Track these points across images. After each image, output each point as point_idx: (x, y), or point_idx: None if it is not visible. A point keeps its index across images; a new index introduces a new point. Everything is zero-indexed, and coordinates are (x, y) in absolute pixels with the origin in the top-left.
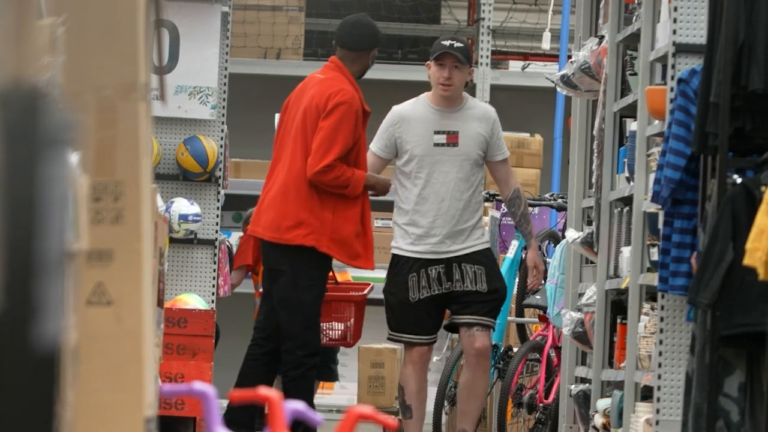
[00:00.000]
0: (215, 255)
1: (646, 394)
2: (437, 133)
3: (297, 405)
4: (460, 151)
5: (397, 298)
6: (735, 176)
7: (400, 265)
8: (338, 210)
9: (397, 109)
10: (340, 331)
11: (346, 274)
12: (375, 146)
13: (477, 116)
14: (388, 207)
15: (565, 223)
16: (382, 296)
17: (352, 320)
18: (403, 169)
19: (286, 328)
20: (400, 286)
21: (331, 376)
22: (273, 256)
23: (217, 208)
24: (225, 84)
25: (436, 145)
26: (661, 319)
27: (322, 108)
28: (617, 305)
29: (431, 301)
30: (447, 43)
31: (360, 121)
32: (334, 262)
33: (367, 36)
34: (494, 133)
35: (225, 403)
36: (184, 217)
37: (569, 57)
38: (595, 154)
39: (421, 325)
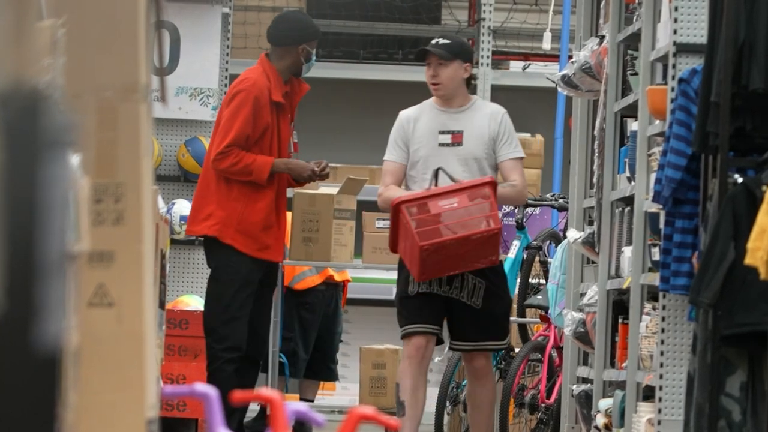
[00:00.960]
0: None
1: (648, 393)
2: (442, 133)
3: (299, 406)
4: (465, 150)
5: (400, 295)
6: (736, 176)
7: (404, 264)
8: (249, 201)
9: (403, 113)
10: (483, 219)
11: (344, 273)
12: (391, 155)
13: (484, 115)
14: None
15: (566, 223)
16: (382, 297)
17: (490, 203)
18: (410, 173)
19: (206, 322)
20: (403, 283)
21: (331, 376)
22: (207, 256)
23: None
24: (226, 85)
25: (441, 145)
26: (663, 319)
27: (227, 100)
28: (619, 305)
29: (430, 296)
30: (433, 41)
31: (266, 109)
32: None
33: (291, 31)
34: (501, 132)
35: None
36: (185, 219)
37: (570, 57)
38: (596, 154)
39: (420, 314)
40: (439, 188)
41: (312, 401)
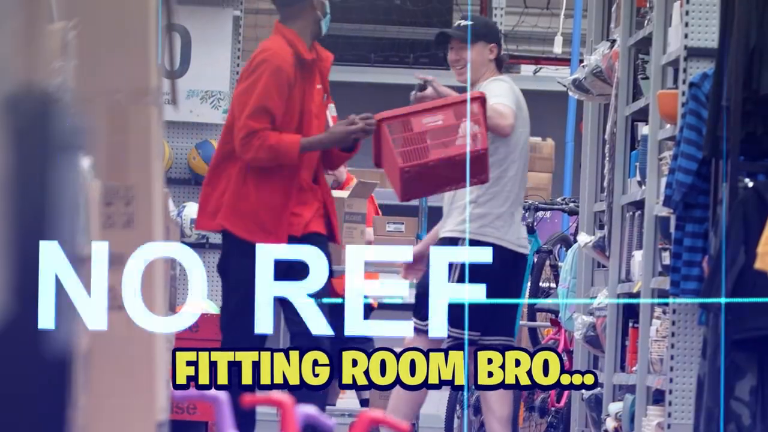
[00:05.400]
0: None
1: (658, 397)
2: None
3: (309, 410)
4: None
5: (417, 288)
6: (746, 180)
7: None
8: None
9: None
10: (471, 138)
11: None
12: None
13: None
14: (400, 211)
15: (576, 227)
16: (392, 302)
17: (478, 124)
18: None
19: None
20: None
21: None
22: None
23: None
24: None
25: None
26: (673, 323)
27: (246, 75)
28: (629, 309)
29: None
30: (455, 23)
31: (295, 75)
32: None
33: None
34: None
35: None
36: (195, 221)
37: (581, 61)
38: (607, 158)
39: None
40: (422, 104)
41: (334, 405)
